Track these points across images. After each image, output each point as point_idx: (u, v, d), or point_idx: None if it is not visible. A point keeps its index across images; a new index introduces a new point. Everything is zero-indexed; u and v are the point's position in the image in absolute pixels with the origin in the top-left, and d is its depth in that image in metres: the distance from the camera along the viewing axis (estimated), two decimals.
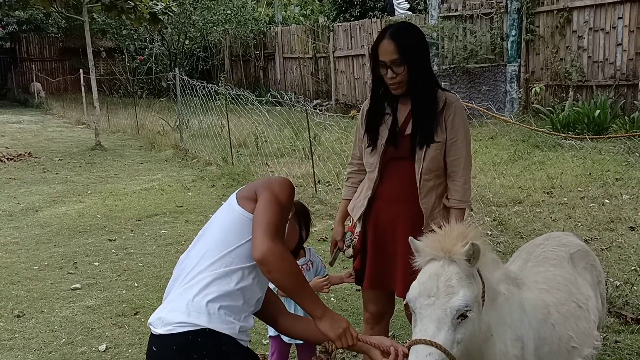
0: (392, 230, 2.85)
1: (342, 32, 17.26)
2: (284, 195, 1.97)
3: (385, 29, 2.76)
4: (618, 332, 3.80)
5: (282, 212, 1.93)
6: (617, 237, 5.42)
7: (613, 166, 7.86)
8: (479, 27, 13.33)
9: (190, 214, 7.31)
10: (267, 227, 1.85)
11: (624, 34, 11.16)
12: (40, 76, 25.63)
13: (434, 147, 2.72)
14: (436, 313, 1.78)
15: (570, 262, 2.54)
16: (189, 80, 12.02)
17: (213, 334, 1.82)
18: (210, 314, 1.84)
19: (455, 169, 2.77)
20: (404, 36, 2.72)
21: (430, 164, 2.73)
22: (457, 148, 2.75)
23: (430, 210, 2.78)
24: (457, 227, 1.93)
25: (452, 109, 2.75)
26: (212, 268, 1.90)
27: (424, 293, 1.82)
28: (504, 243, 5.43)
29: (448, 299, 1.78)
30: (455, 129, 2.74)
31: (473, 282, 1.85)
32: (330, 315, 1.98)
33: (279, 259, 1.83)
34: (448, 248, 1.85)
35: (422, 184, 2.76)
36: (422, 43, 2.79)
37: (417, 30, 2.85)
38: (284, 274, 1.86)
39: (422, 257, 1.92)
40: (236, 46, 22.39)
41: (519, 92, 12.85)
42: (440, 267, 1.84)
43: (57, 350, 3.96)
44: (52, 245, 6.22)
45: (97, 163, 11.37)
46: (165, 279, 5.13)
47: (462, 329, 1.79)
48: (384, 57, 2.69)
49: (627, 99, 11.15)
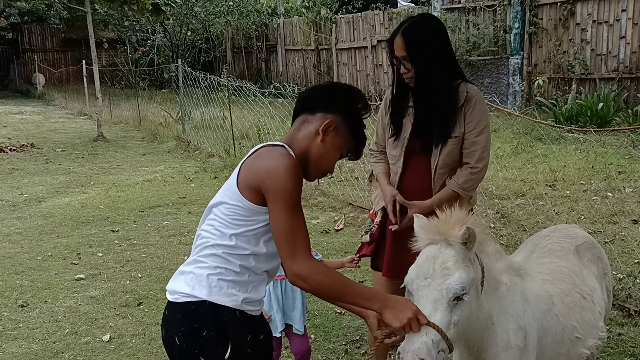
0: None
1: (344, 24, 17.21)
2: (291, 185, 1.83)
3: (403, 22, 2.77)
4: (621, 325, 3.81)
5: (295, 206, 1.85)
6: (620, 230, 5.41)
7: (616, 159, 7.85)
8: (482, 19, 13.29)
9: (192, 205, 7.32)
10: (287, 244, 1.82)
11: (628, 26, 11.12)
12: (42, 67, 25.58)
13: (451, 142, 2.73)
14: (432, 294, 1.81)
15: (576, 254, 2.55)
16: (191, 72, 12.00)
17: (212, 306, 1.87)
18: (211, 287, 1.88)
19: (469, 160, 2.75)
20: (413, 31, 2.71)
21: (447, 158, 2.75)
22: (473, 140, 2.74)
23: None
24: (457, 212, 1.95)
25: (472, 103, 2.73)
26: (214, 248, 1.92)
27: (421, 275, 1.85)
28: (506, 236, 5.43)
29: (444, 280, 1.81)
30: (473, 122, 2.73)
31: (470, 266, 1.87)
32: (392, 304, 1.82)
33: (309, 278, 1.81)
34: (445, 231, 1.88)
35: (437, 177, 2.78)
36: (434, 38, 2.73)
37: (430, 25, 2.78)
38: (320, 290, 1.85)
39: (420, 241, 1.96)
40: (238, 38, 22.34)
41: (521, 84, 12.82)
42: (437, 250, 1.88)
43: (61, 340, 3.98)
44: (55, 236, 6.24)
45: (99, 154, 11.38)
46: (168, 270, 5.15)
47: (458, 310, 1.82)
48: (397, 53, 2.73)
49: (630, 91, 11.13)
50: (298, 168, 1.87)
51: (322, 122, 1.96)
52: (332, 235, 6.02)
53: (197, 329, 1.88)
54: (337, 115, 1.98)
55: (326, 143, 1.97)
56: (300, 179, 1.88)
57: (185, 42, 23.50)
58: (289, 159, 1.86)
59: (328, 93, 2.04)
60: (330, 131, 1.96)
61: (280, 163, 1.84)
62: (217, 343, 1.88)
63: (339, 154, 2.02)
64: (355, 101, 2.02)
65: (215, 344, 1.88)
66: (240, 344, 1.91)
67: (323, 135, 1.95)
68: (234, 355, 1.90)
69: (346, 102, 2.01)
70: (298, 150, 1.96)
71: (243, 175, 1.90)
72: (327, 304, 4.31)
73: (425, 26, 2.76)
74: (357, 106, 2.02)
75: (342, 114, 1.99)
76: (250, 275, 1.93)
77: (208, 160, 10.21)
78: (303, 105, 2.03)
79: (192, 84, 11.96)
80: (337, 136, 1.98)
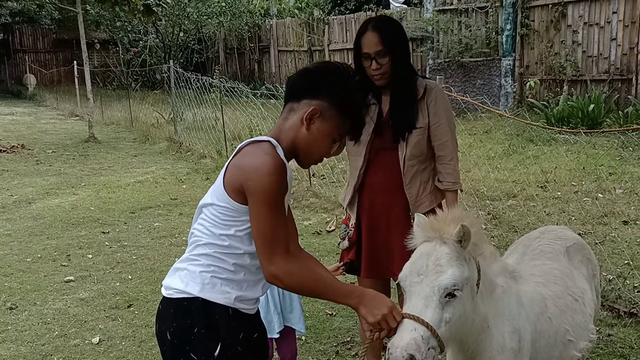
0: (386, 218, 2.91)
1: (337, 25, 17.22)
2: (271, 186, 1.80)
3: (367, 22, 2.82)
4: (611, 326, 3.82)
5: (275, 207, 1.83)
6: (610, 231, 5.43)
7: (607, 160, 7.88)
8: (474, 21, 13.32)
9: (184, 207, 7.29)
10: (264, 245, 1.82)
11: (619, 28, 11.18)
12: (33, 68, 25.45)
13: (416, 132, 2.79)
14: (424, 290, 1.80)
15: (567, 255, 2.55)
16: (183, 73, 11.96)
17: (204, 302, 1.88)
18: (204, 284, 1.89)
19: (443, 152, 2.84)
20: (386, 27, 2.78)
21: (414, 149, 2.80)
22: (442, 131, 2.82)
23: (415, 196, 2.86)
24: (453, 210, 1.95)
25: (433, 94, 2.82)
26: (207, 247, 1.91)
27: (414, 271, 1.85)
28: (498, 237, 5.44)
29: (436, 277, 1.80)
30: (438, 113, 2.81)
31: (464, 264, 1.86)
32: (368, 300, 1.84)
33: (285, 278, 1.82)
34: (440, 229, 1.88)
35: (407, 169, 2.83)
36: (403, 34, 2.87)
37: (397, 22, 2.92)
38: (296, 289, 1.90)
39: (416, 238, 1.95)
40: (231, 39, 22.31)
41: (513, 86, 12.86)
42: (432, 247, 1.87)
43: (50, 343, 3.95)
44: (45, 238, 6.19)
45: (90, 155, 11.32)
46: (159, 272, 5.12)
47: (450, 308, 1.81)
48: (368, 49, 2.75)
49: (621, 93, 11.18)
50: (280, 167, 1.82)
51: (306, 110, 1.89)
52: (323, 236, 6.00)
53: (189, 325, 1.88)
54: (322, 101, 1.89)
55: (312, 131, 1.90)
56: (282, 179, 1.82)
57: (177, 42, 23.44)
58: (270, 159, 1.81)
59: (314, 77, 1.94)
60: (316, 119, 1.89)
61: (262, 163, 1.81)
62: (207, 339, 1.88)
63: (330, 139, 1.93)
64: (344, 81, 1.92)
65: (206, 341, 1.89)
66: (230, 342, 1.91)
67: (308, 124, 1.89)
68: (224, 352, 1.90)
69: (332, 85, 1.90)
70: (286, 142, 1.91)
71: (229, 175, 1.88)
72: (318, 306, 4.30)
73: (392, 22, 2.87)
74: (347, 86, 1.92)
75: (328, 99, 1.89)
76: (246, 273, 1.93)
77: (200, 161, 10.18)
78: (290, 93, 1.97)
79: (184, 85, 11.92)
80: (325, 122, 1.90)
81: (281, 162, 1.84)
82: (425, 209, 2.84)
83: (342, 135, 1.96)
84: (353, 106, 1.94)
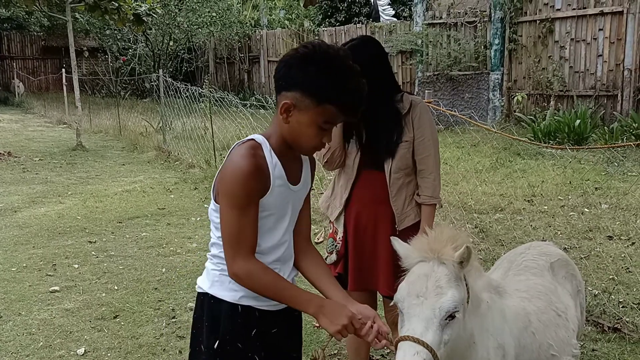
0: (373, 231, 2.96)
1: (327, 37, 17.32)
2: (237, 188, 1.82)
3: (344, 44, 2.86)
4: (595, 341, 3.85)
5: (240, 210, 1.85)
6: (595, 246, 5.49)
7: (592, 175, 7.97)
8: (463, 35, 13.47)
9: (172, 217, 7.26)
10: (228, 245, 1.88)
11: (605, 45, 11.36)
12: (21, 75, 25.32)
13: (402, 146, 2.87)
14: (425, 312, 1.79)
15: (551, 271, 2.58)
16: (172, 82, 11.96)
17: (212, 298, 1.97)
18: (213, 281, 1.99)
19: (424, 166, 2.91)
20: (358, 52, 2.75)
21: (400, 162, 2.88)
22: (424, 146, 2.89)
23: (401, 209, 2.92)
24: (447, 230, 1.96)
25: (417, 109, 2.90)
26: (215, 247, 2.00)
27: (413, 293, 1.83)
28: (485, 250, 5.48)
29: (437, 299, 1.80)
30: (422, 128, 2.88)
31: (460, 285, 1.87)
32: (328, 310, 1.87)
33: (245, 278, 1.88)
34: (438, 250, 1.87)
35: (392, 182, 2.90)
36: (377, 56, 2.90)
37: (373, 45, 2.96)
38: (256, 290, 1.91)
39: (411, 258, 1.93)
40: (221, 48, 22.36)
41: (501, 100, 13.00)
42: (430, 268, 1.86)
43: (34, 354, 3.91)
44: (30, 247, 6.14)
45: (78, 164, 11.25)
46: (146, 282, 5.10)
47: (449, 329, 1.81)
48: None
49: (606, 109, 11.34)
50: (250, 170, 1.81)
51: (280, 104, 1.86)
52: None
53: (200, 317, 2.02)
54: (295, 92, 1.81)
55: (292, 124, 1.85)
56: (249, 182, 1.81)
57: (167, 51, 23.44)
58: (241, 161, 1.82)
59: (286, 68, 1.84)
60: (293, 111, 1.84)
61: (231, 166, 1.84)
62: (210, 333, 1.97)
63: (315, 128, 1.84)
64: (318, 66, 1.79)
65: (209, 334, 1.98)
66: (230, 338, 1.95)
67: (286, 117, 1.85)
68: (222, 347, 1.96)
69: (303, 73, 1.80)
70: (275, 137, 1.91)
71: (217, 179, 1.94)
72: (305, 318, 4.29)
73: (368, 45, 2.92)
74: (321, 71, 1.79)
75: (300, 89, 1.80)
76: None
77: (188, 171, 10.16)
78: (275, 85, 1.94)
79: (174, 94, 11.92)
80: (302, 114, 1.82)
81: (253, 164, 1.82)
82: (411, 221, 2.92)
83: (329, 122, 1.86)
84: (329, 92, 1.79)
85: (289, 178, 1.93)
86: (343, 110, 1.82)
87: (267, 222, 1.93)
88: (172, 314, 4.48)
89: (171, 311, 4.53)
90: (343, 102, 1.81)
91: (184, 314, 4.48)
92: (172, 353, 3.89)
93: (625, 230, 5.89)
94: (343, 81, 1.79)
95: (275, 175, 1.88)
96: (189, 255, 5.83)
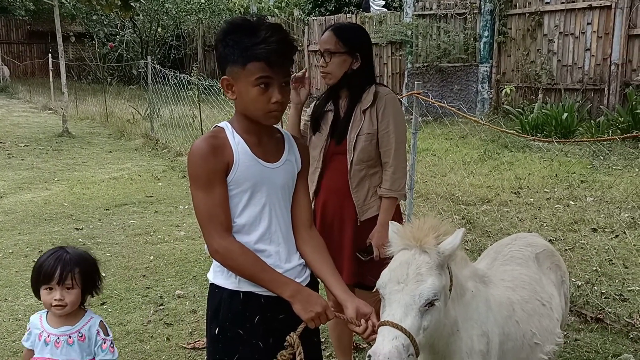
0: (339, 221, 3.00)
1: (317, 26, 17.24)
2: (194, 167, 1.91)
3: (331, 25, 3.02)
4: (578, 331, 3.92)
5: (205, 188, 1.90)
6: (580, 238, 5.56)
7: (578, 169, 8.05)
8: (452, 26, 13.48)
9: (160, 205, 7.24)
10: (201, 225, 1.94)
11: (593, 39, 11.42)
12: (6, 59, 24.99)
13: (363, 138, 2.88)
14: (404, 299, 1.84)
15: (536, 261, 2.62)
16: (160, 69, 11.88)
17: (215, 287, 2.03)
18: (215, 271, 2.04)
19: (387, 159, 2.92)
20: (345, 32, 2.93)
21: (361, 154, 2.89)
22: (388, 139, 2.90)
23: (362, 200, 2.94)
24: (430, 220, 1.99)
25: (383, 102, 2.90)
26: None
27: (394, 279, 1.88)
28: (471, 241, 5.53)
29: (417, 286, 1.84)
30: (385, 120, 2.89)
31: (442, 273, 1.91)
32: (303, 296, 1.92)
33: (225, 255, 1.92)
34: (420, 238, 1.91)
35: (353, 173, 2.92)
36: (363, 42, 2.98)
37: (361, 30, 3.05)
38: (234, 268, 1.95)
39: (394, 246, 1.98)
40: (210, 36, 22.19)
41: (490, 92, 13.05)
42: (411, 256, 1.90)
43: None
44: (16, 233, 6.11)
45: (64, 150, 11.17)
46: (133, 270, 5.09)
47: (428, 316, 1.85)
48: (320, 46, 2.95)
49: (593, 103, 11.43)
50: (206, 149, 1.90)
51: (222, 85, 1.97)
52: None
53: (208, 306, 2.08)
54: (227, 68, 1.92)
55: (238, 98, 1.93)
56: (207, 160, 1.89)
57: (155, 38, 23.24)
58: (198, 143, 1.93)
59: (216, 53, 2.01)
60: (234, 86, 1.92)
61: (191, 149, 1.94)
62: (211, 320, 2.04)
63: (253, 89, 1.89)
64: (233, 35, 1.89)
65: (211, 322, 2.05)
66: (230, 324, 1.98)
67: (231, 94, 1.94)
68: (223, 333, 2.00)
69: (225, 47, 1.91)
70: (237, 117, 2.00)
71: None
72: None
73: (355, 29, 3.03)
74: (235, 35, 1.89)
75: (228, 62, 1.91)
76: None
77: (176, 159, 10.11)
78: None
79: (162, 81, 11.84)
80: (238, 83, 1.91)
81: (209, 143, 1.92)
82: (373, 213, 2.94)
83: (262, 78, 1.87)
84: (246, 50, 1.86)
85: (260, 154, 1.97)
86: (266, 61, 1.86)
87: (240, 198, 1.96)
88: (160, 301, 4.48)
89: (159, 298, 4.54)
90: (261, 53, 1.85)
91: (171, 301, 4.49)
92: (159, 340, 3.90)
93: (609, 222, 5.97)
94: (254, 36, 1.86)
95: (239, 151, 1.94)
96: (177, 243, 5.82)
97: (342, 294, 2.01)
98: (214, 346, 2.04)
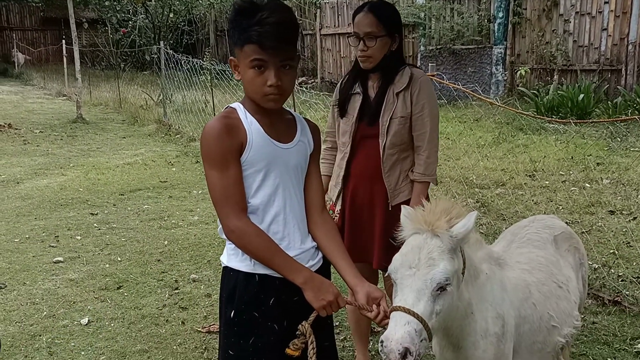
0: (370, 206, 2.94)
1: (329, 10, 17.11)
2: (207, 147, 1.89)
3: (365, 3, 2.85)
4: (595, 314, 3.89)
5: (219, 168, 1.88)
6: (597, 220, 5.50)
7: (595, 150, 7.95)
8: (466, 8, 13.31)
9: (174, 190, 7.27)
10: (217, 205, 1.92)
11: (610, 19, 11.22)
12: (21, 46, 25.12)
13: (397, 121, 2.81)
14: (416, 283, 1.82)
15: (554, 244, 2.58)
16: (173, 54, 11.87)
17: (229, 270, 2.01)
18: (229, 255, 2.02)
19: (420, 143, 2.85)
20: (383, 12, 2.80)
21: (394, 138, 2.82)
22: (422, 122, 2.83)
23: (394, 185, 2.88)
24: (442, 203, 1.96)
25: (417, 84, 2.82)
26: None
27: (406, 264, 1.86)
28: (486, 224, 5.49)
29: (429, 271, 1.82)
30: (420, 104, 2.81)
31: (454, 257, 1.88)
32: (315, 284, 1.90)
33: (241, 235, 1.90)
34: (431, 222, 1.89)
35: (386, 158, 2.85)
36: (399, 22, 2.89)
37: (395, 9, 2.95)
38: (248, 249, 1.93)
39: (406, 230, 1.95)
40: (221, 21, 22.13)
41: (504, 74, 12.90)
42: (423, 240, 1.88)
43: (38, 323, 3.95)
44: (33, 218, 6.16)
45: (78, 136, 11.23)
46: (148, 254, 5.13)
47: (440, 300, 1.83)
48: (357, 29, 2.80)
49: (610, 84, 11.26)
50: (220, 128, 1.88)
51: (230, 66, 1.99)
52: None
53: (223, 289, 2.05)
54: (234, 49, 1.94)
55: (242, 79, 1.93)
56: (220, 139, 1.87)
57: (167, 23, 23.21)
58: (212, 123, 1.91)
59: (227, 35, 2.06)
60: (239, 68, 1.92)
61: (205, 130, 1.92)
62: (227, 304, 2.01)
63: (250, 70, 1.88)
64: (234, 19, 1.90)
65: (226, 305, 2.02)
66: (245, 307, 1.97)
67: (237, 74, 1.95)
68: (239, 317, 1.98)
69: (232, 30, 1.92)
70: (247, 98, 1.99)
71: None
72: None
73: (389, 7, 2.89)
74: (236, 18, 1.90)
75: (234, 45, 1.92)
76: None
77: (189, 144, 10.14)
78: None
79: (174, 66, 11.83)
80: (241, 64, 1.91)
81: (222, 123, 1.90)
82: (405, 197, 2.88)
83: (256, 60, 1.86)
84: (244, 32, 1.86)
85: (273, 135, 1.95)
86: (259, 43, 1.84)
87: (254, 179, 1.94)
88: (175, 285, 4.51)
89: (174, 282, 4.57)
90: (253, 35, 1.84)
91: (186, 285, 4.52)
92: (174, 324, 3.93)
93: (627, 205, 5.90)
94: (251, 17, 1.85)
95: (252, 131, 1.92)
96: (191, 228, 5.84)
97: (352, 279, 1.99)
98: (229, 329, 2.02)
